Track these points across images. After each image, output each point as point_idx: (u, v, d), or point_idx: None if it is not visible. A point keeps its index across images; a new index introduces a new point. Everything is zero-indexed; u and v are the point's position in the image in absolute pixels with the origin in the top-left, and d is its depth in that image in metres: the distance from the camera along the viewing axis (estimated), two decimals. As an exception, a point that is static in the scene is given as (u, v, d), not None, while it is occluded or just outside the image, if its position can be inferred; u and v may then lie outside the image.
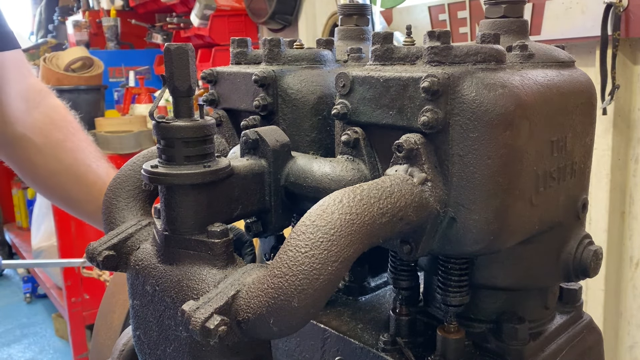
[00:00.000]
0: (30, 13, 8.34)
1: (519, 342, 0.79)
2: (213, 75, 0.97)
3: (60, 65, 3.83)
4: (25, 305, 4.84)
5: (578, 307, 0.91)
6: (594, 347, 0.90)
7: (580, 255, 0.81)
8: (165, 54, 0.65)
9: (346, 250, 0.58)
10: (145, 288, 0.70)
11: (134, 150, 3.47)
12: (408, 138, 0.68)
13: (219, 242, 0.66)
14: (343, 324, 0.90)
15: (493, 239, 0.68)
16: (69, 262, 3.08)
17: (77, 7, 6.70)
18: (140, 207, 0.84)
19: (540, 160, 0.71)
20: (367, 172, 0.76)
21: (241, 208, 0.74)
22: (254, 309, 0.59)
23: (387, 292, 1.01)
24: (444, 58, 0.68)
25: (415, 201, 0.65)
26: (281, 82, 0.87)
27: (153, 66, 5.32)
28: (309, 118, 0.88)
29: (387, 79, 0.71)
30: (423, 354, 0.81)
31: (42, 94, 1.44)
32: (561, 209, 0.78)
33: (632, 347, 2.05)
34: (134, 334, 0.75)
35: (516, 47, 0.76)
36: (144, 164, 0.68)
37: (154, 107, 0.66)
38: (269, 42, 0.92)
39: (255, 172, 0.76)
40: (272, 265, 0.59)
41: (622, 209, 2.00)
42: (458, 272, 0.77)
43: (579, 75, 0.80)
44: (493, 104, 0.64)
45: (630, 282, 2.02)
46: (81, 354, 3.64)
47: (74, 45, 5.70)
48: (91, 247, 0.75)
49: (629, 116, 1.93)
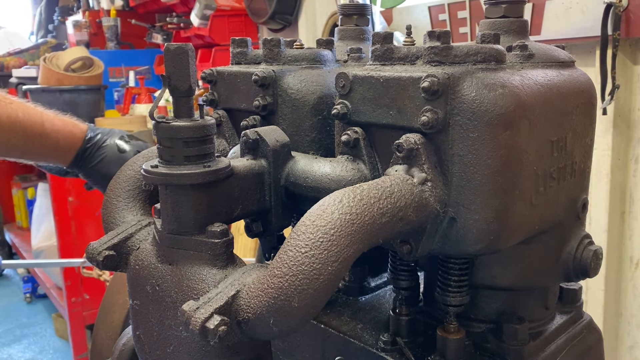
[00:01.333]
0: (30, 13, 8.34)
1: (519, 342, 0.79)
2: (213, 75, 0.97)
3: (60, 65, 3.83)
4: (25, 305, 4.84)
5: (578, 307, 0.91)
6: (594, 347, 0.90)
7: (580, 255, 0.81)
8: (165, 54, 0.65)
9: (346, 250, 0.58)
10: (145, 288, 0.70)
11: (134, 150, 3.46)
12: (408, 138, 0.68)
13: (219, 242, 0.66)
14: (343, 324, 0.90)
15: (493, 238, 0.68)
16: (69, 262, 3.08)
17: (77, 7, 6.70)
18: (140, 207, 0.84)
19: (540, 160, 0.71)
20: (367, 172, 0.76)
21: (241, 208, 0.74)
22: (254, 309, 0.59)
23: (387, 292, 1.01)
24: (444, 58, 0.68)
25: (415, 201, 0.65)
26: (281, 82, 0.87)
27: (153, 66, 5.32)
28: (309, 118, 0.88)
29: (387, 78, 0.71)
30: (423, 354, 0.81)
31: None
32: (561, 209, 0.78)
33: (632, 347, 2.05)
34: (134, 334, 0.75)
35: (516, 47, 0.76)
36: (144, 164, 0.68)
37: (154, 107, 0.66)
38: (269, 42, 0.92)
39: (255, 172, 0.76)
40: (272, 265, 0.59)
41: (622, 209, 2.00)
42: (458, 272, 0.77)
43: (579, 75, 0.80)
44: (493, 104, 0.64)
45: (630, 282, 2.02)
46: (81, 354, 3.64)
47: (74, 45, 5.70)
48: (91, 247, 0.75)
49: (629, 116, 1.93)
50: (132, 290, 0.73)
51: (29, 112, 1.30)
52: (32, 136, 1.28)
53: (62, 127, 1.35)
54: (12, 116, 1.26)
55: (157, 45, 5.54)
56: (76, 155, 1.37)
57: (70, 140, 1.36)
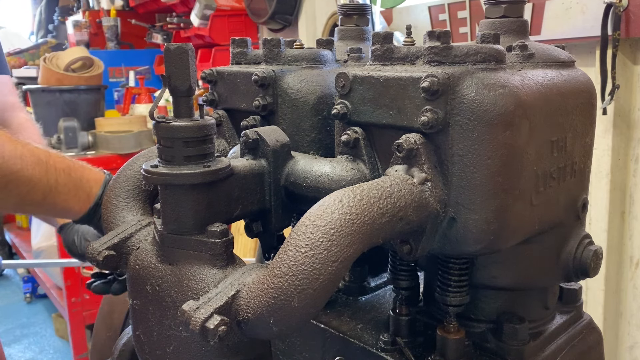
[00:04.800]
0: (30, 13, 8.34)
1: (519, 342, 0.79)
2: (213, 75, 0.97)
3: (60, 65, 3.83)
4: (25, 305, 4.83)
5: (578, 307, 0.91)
6: (594, 347, 0.90)
7: (580, 255, 0.81)
8: (165, 54, 0.65)
9: (346, 250, 0.58)
10: (145, 288, 0.70)
11: (134, 150, 3.46)
12: (408, 138, 0.68)
13: (219, 242, 0.66)
14: (343, 324, 0.90)
15: (493, 238, 0.68)
16: (69, 262, 3.07)
17: (77, 7, 6.70)
18: (140, 207, 0.84)
19: (540, 160, 0.71)
20: (367, 172, 0.76)
21: (241, 208, 0.74)
22: (254, 309, 0.59)
23: (387, 292, 1.01)
24: (444, 58, 0.68)
25: (415, 201, 0.65)
26: (281, 82, 0.87)
27: (153, 66, 5.32)
28: (309, 118, 0.88)
29: (387, 78, 0.71)
30: (423, 354, 0.81)
31: (14, 108, 1.83)
32: (561, 209, 0.78)
33: (632, 347, 2.05)
34: (134, 334, 0.75)
35: (516, 47, 0.76)
36: (144, 164, 0.68)
37: (154, 107, 0.66)
38: (269, 42, 0.92)
39: (255, 172, 0.76)
40: (272, 265, 0.59)
41: (622, 209, 2.00)
42: (458, 272, 0.77)
43: (579, 75, 0.80)
44: (493, 104, 0.64)
45: (630, 282, 2.02)
46: (81, 354, 3.64)
47: (74, 45, 5.70)
48: (91, 247, 0.75)
49: (629, 116, 1.93)
50: (132, 290, 0.73)
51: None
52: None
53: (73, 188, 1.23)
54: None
55: (157, 45, 5.54)
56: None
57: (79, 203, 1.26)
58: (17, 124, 1.79)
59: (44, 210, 1.25)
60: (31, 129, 1.81)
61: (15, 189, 1.11)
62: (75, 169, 1.20)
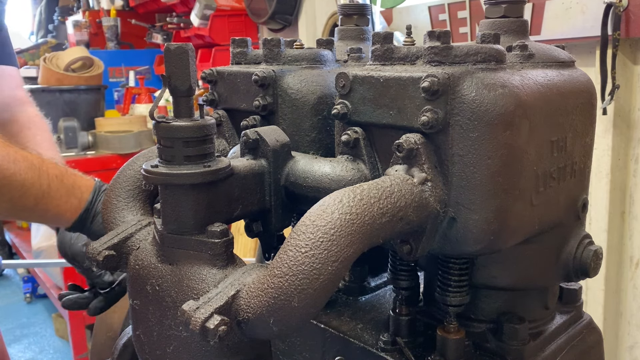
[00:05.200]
0: (30, 13, 8.34)
1: (519, 342, 0.79)
2: (213, 75, 0.97)
3: (60, 65, 3.83)
4: (25, 305, 4.83)
5: (578, 307, 0.91)
6: (594, 347, 0.90)
7: (580, 255, 0.81)
8: (165, 54, 0.65)
9: (346, 250, 0.58)
10: (145, 288, 0.70)
11: (134, 150, 3.46)
12: (408, 138, 0.68)
13: (219, 242, 0.66)
14: (343, 324, 0.90)
15: (493, 239, 0.68)
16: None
17: (77, 7, 6.70)
18: (140, 207, 0.84)
19: (540, 160, 0.71)
20: (367, 172, 0.76)
21: (241, 208, 0.74)
22: (254, 309, 0.59)
23: (387, 292, 1.01)
24: (444, 58, 0.68)
25: (415, 201, 0.65)
26: (281, 82, 0.87)
27: (153, 66, 5.32)
28: (309, 118, 0.88)
29: (387, 78, 0.71)
30: (423, 354, 0.81)
31: (22, 102, 1.78)
32: (561, 209, 0.78)
33: (632, 347, 2.05)
34: (134, 334, 0.75)
35: (516, 47, 0.76)
36: (144, 164, 0.68)
37: (154, 107, 0.66)
38: (269, 42, 0.92)
39: (255, 172, 0.76)
40: (272, 265, 0.59)
41: (622, 209, 2.00)
42: (458, 272, 0.77)
43: (579, 75, 0.80)
44: (493, 104, 0.64)
45: (630, 282, 2.02)
46: (81, 354, 3.64)
47: (74, 45, 5.70)
48: (91, 247, 0.74)
49: (629, 116, 1.93)
50: (132, 290, 0.73)
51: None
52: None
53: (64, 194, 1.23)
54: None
55: (157, 45, 5.54)
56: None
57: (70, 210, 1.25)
58: (26, 118, 1.74)
59: (36, 216, 1.24)
60: (40, 125, 1.76)
61: (7, 194, 1.11)
62: (67, 176, 1.20)
